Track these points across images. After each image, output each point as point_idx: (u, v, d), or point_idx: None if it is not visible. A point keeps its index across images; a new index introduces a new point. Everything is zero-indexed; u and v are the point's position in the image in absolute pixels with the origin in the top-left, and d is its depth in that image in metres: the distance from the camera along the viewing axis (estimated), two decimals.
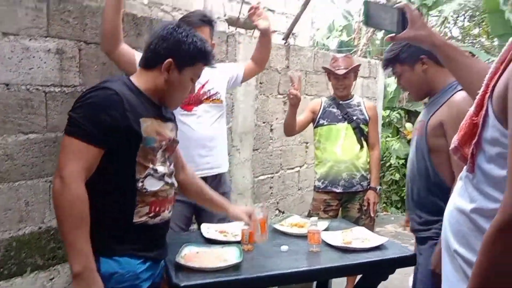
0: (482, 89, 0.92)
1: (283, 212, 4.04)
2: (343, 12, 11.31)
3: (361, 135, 2.91)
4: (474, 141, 0.92)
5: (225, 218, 2.29)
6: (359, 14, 9.95)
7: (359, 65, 3.03)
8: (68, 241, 1.31)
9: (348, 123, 2.88)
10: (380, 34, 9.37)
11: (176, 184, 1.64)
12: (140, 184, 1.45)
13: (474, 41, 12.54)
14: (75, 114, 1.38)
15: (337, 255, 1.90)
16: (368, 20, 1.28)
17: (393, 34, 1.29)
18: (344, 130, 2.86)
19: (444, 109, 1.75)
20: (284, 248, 1.95)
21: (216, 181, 2.39)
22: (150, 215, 1.49)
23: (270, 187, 3.89)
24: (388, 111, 7.61)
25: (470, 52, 10.14)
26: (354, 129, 2.88)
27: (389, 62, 1.94)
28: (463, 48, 10.78)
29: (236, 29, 3.51)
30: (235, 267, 1.72)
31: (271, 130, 3.83)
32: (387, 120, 7.45)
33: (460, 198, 0.99)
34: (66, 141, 1.37)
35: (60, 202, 1.32)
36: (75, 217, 1.31)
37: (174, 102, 1.62)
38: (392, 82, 9.21)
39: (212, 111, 2.35)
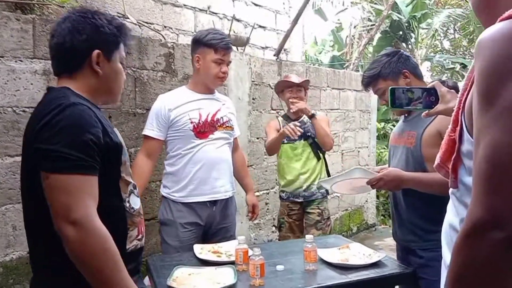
0: (456, 105, 0.94)
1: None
2: (333, 27, 11.43)
3: (317, 148, 3.02)
4: (453, 156, 0.93)
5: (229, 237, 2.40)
6: (350, 29, 10.05)
7: (309, 80, 3.19)
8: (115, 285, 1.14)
9: (305, 140, 2.99)
10: (370, 48, 9.46)
11: None
12: (127, 204, 1.30)
13: (465, 52, 12.69)
14: (54, 146, 1.12)
15: (335, 273, 1.84)
16: (393, 103, 1.40)
17: (427, 111, 1.42)
18: (301, 147, 2.98)
19: (439, 119, 1.75)
20: (280, 267, 1.89)
21: (226, 203, 2.43)
22: (139, 237, 1.34)
23: (266, 203, 3.84)
24: (382, 123, 7.62)
25: (462, 63, 10.23)
26: (310, 145, 3.01)
27: (372, 79, 1.95)
28: (455, 60, 10.90)
29: None
30: None
31: None
32: (382, 132, 7.45)
33: (451, 214, 0.99)
34: (59, 180, 1.12)
35: (88, 251, 1.10)
36: (113, 259, 1.14)
37: (117, 96, 1.41)
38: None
39: (225, 137, 2.41)
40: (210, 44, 2.29)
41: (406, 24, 9.16)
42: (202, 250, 2.11)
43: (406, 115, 2.00)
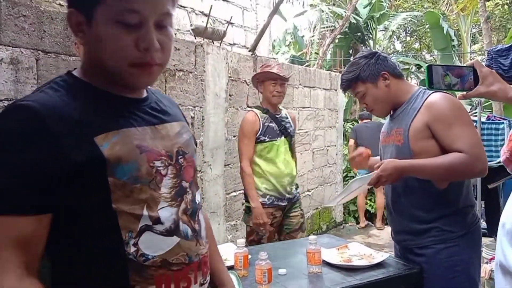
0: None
1: None
2: (289, 28, 11.49)
3: (291, 146, 2.92)
4: None
5: None
6: (310, 29, 10.14)
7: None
8: None
9: (285, 137, 2.83)
10: (329, 49, 9.58)
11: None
12: (131, 249, 0.83)
13: (416, 54, 13.22)
14: None
15: (340, 275, 1.76)
16: (431, 83, 1.30)
17: (464, 92, 1.31)
18: (283, 144, 2.80)
19: (424, 111, 1.73)
20: (282, 271, 1.78)
21: None
22: None
23: (243, 204, 3.71)
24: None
25: (417, 65, 10.64)
26: (289, 142, 2.86)
27: (351, 82, 1.90)
28: (407, 61, 11.31)
29: (203, 40, 3.33)
30: None
31: None
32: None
33: None
34: None
35: None
36: None
37: (121, 73, 0.85)
38: (343, 95, 9.45)
39: None
40: None
41: (364, 26, 9.37)
42: None
43: (391, 113, 1.96)
